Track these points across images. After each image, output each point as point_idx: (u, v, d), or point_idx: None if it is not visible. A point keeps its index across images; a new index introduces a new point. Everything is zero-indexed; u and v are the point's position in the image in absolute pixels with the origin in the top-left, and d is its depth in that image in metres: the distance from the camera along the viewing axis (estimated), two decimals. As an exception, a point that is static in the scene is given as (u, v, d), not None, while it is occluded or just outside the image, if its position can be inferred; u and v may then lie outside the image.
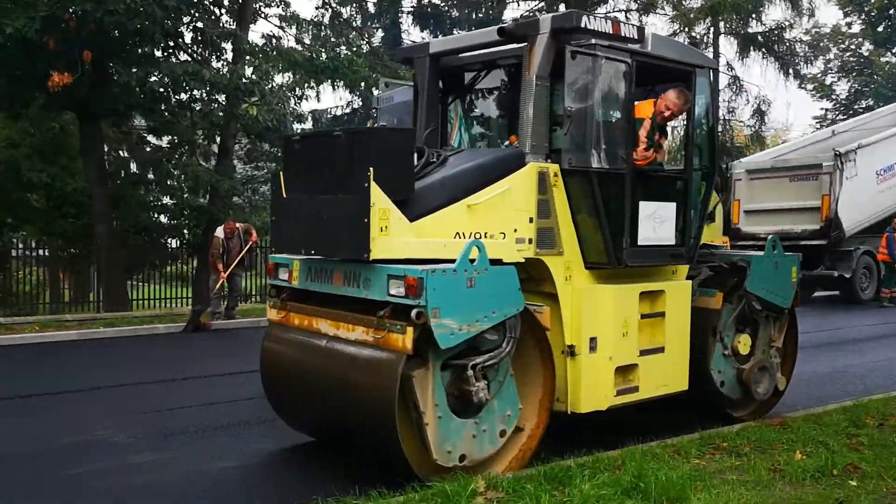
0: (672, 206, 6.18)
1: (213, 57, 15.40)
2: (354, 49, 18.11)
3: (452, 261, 4.87)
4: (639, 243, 5.91)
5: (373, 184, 4.75)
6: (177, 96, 14.41)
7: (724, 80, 26.52)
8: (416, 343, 4.66)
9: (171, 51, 14.76)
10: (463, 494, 4.43)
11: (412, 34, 25.87)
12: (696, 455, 5.49)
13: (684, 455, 5.49)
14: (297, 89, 16.15)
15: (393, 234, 4.87)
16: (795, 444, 5.76)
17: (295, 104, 16.07)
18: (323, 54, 15.53)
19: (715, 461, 5.38)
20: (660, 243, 6.08)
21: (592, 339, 5.70)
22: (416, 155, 5.39)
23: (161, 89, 13.52)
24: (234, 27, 15.95)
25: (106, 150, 17.01)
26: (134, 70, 13.55)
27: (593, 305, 5.74)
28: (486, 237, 5.28)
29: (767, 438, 5.89)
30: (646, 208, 5.97)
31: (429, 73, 6.47)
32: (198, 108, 14.28)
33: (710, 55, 26.71)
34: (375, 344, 4.88)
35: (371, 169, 4.75)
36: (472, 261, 4.85)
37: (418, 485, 4.69)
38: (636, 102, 6.04)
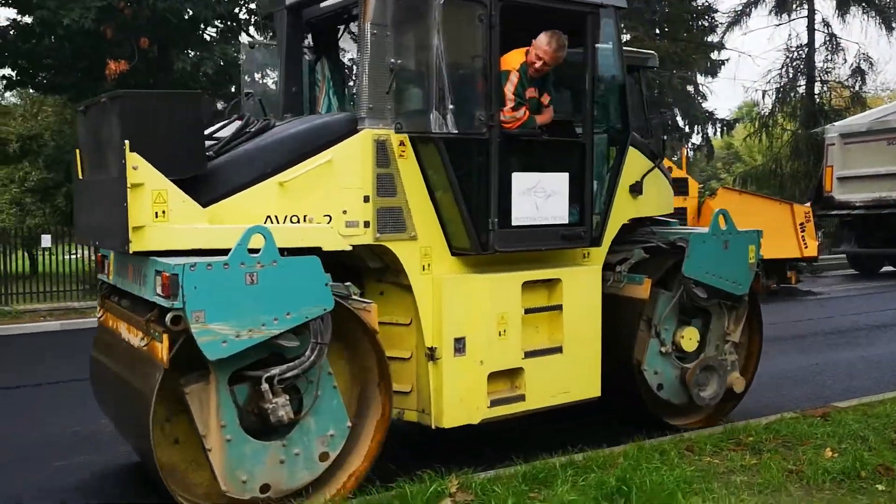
0: (563, 177, 5.09)
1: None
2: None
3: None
4: (513, 224, 4.90)
5: (141, 161, 3.87)
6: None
7: (819, 38, 24.82)
8: (176, 353, 3.79)
9: (229, 34, 14.79)
10: (422, 496, 4.10)
11: None
12: (710, 452, 4.95)
13: (697, 452, 4.95)
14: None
15: (175, 220, 3.99)
16: (831, 439, 5.12)
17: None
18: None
19: (729, 459, 4.82)
20: (546, 223, 5.03)
21: (459, 340, 4.71)
22: (237, 124, 4.65)
23: (213, 73, 13.53)
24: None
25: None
26: (191, 55, 13.64)
27: (459, 299, 4.73)
28: (305, 221, 4.39)
29: (800, 432, 5.26)
30: (523, 181, 4.93)
31: (287, 27, 5.50)
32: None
33: (805, 12, 25.05)
34: (146, 354, 4.03)
35: (127, 142, 3.84)
36: (255, 251, 3.90)
37: (382, 486, 4.37)
38: (516, 52, 5.07)
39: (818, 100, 25.03)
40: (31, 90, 17.31)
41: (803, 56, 24.89)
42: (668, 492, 4.11)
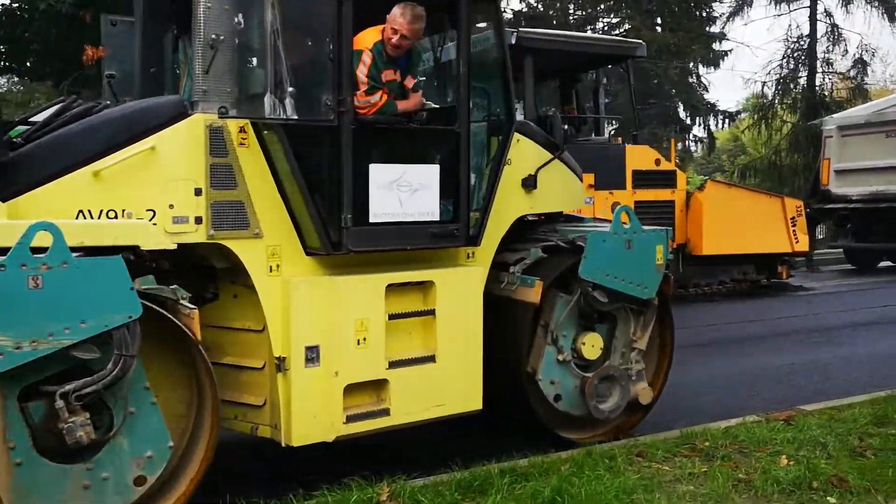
0: (433, 169, 4.61)
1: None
2: None
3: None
4: (371, 221, 4.43)
5: None
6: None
7: (821, 28, 24.44)
8: None
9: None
10: (346, 504, 3.91)
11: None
12: (661, 458, 4.74)
13: (648, 458, 4.75)
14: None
15: None
16: (790, 445, 4.90)
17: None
18: None
19: (679, 467, 4.61)
20: (412, 220, 4.55)
21: (311, 349, 4.25)
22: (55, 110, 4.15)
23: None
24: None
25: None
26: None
27: (310, 304, 4.28)
28: (124, 216, 3.88)
29: (759, 437, 5.04)
30: (383, 173, 4.46)
31: (143, 1, 5.02)
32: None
33: (807, 2, 24.64)
34: None
35: None
36: (40, 251, 3.38)
37: (305, 494, 4.18)
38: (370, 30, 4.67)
39: (819, 91, 24.65)
40: (14, 77, 17.11)
41: (804, 47, 24.51)
42: (604, 503, 3.91)
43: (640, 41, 12.86)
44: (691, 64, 26.07)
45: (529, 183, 5.19)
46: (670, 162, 13.03)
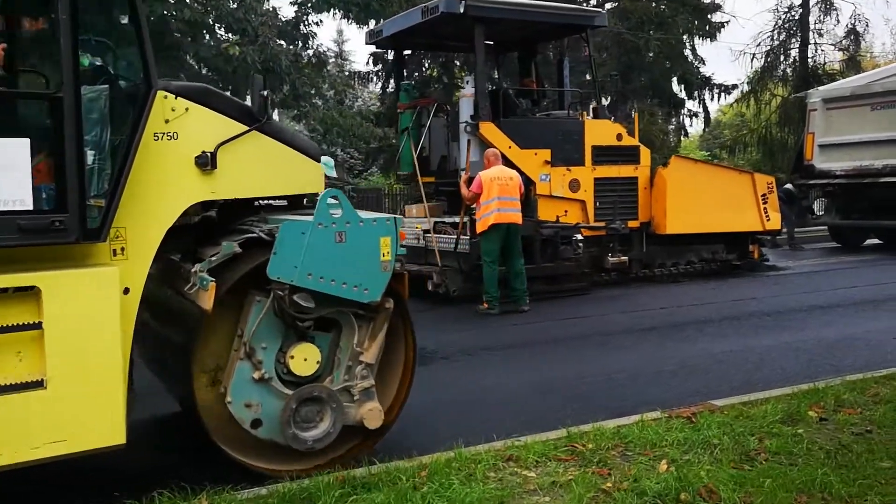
0: (20, 144, 3.45)
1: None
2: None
3: None
4: None
5: None
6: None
7: (813, -2, 23.65)
8: None
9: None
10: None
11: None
12: (533, 463, 4.30)
13: (519, 463, 4.31)
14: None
15: None
16: (679, 447, 4.45)
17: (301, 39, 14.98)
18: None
19: (548, 474, 4.16)
20: None
21: None
22: None
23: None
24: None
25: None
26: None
27: None
28: None
29: (648, 439, 4.59)
30: None
31: None
32: (192, 52, 13.47)
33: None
34: None
35: None
36: None
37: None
38: None
39: (812, 63, 23.93)
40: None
41: (795, 18, 23.75)
42: (431, 521, 3.48)
43: (599, 10, 12.31)
44: (685, 37, 25.44)
45: (203, 162, 4.13)
46: (634, 137, 12.47)
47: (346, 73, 29.61)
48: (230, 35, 12.73)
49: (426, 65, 25.77)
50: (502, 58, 14.13)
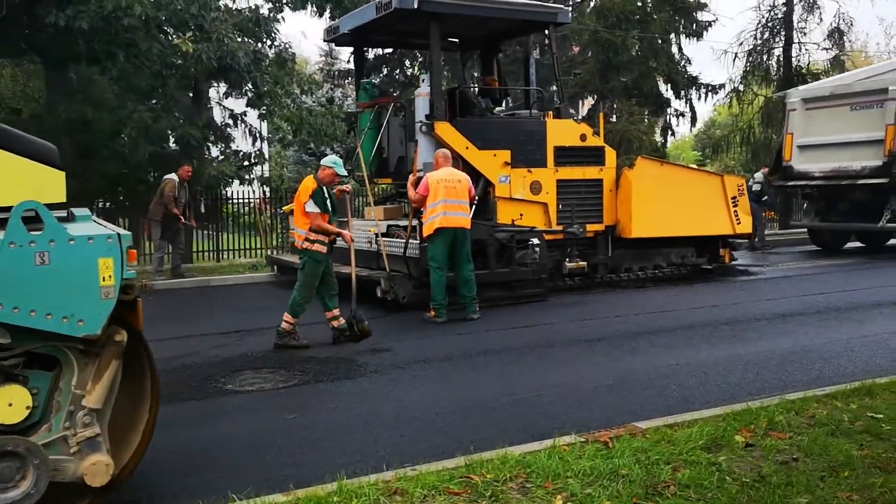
0: None
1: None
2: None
3: None
4: None
5: None
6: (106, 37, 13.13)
7: (796, -4, 23.25)
8: None
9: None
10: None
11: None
12: (419, 498, 3.91)
13: (404, 496, 3.91)
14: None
15: None
16: (584, 479, 4.07)
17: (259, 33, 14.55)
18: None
19: (430, 510, 3.78)
20: None
21: None
22: None
23: (89, 29, 12.28)
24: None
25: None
26: (66, 8, 12.45)
27: None
28: None
29: (554, 468, 4.20)
30: None
31: None
32: (146, 49, 13.02)
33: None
34: None
35: None
36: None
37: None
38: None
39: (796, 62, 23.53)
40: None
41: (779, 17, 23.36)
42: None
43: (562, 6, 11.90)
44: (672, 36, 25.05)
45: None
46: (598, 137, 12.08)
47: (326, 72, 29.23)
48: (181, 33, 12.30)
49: (406, 63, 25.41)
50: (468, 56, 13.72)
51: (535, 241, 10.46)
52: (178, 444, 5.05)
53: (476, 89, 12.57)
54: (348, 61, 24.96)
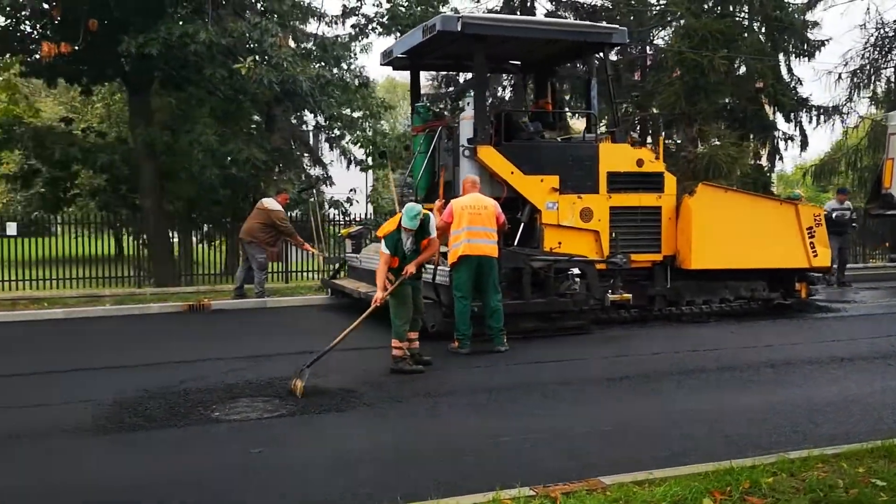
0: None
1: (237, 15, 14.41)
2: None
3: None
4: None
5: None
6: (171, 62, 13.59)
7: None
8: None
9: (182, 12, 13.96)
10: None
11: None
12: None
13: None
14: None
15: None
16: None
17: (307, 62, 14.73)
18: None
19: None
20: None
21: None
22: None
23: (158, 55, 12.72)
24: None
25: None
26: (138, 36, 12.96)
27: None
28: None
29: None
30: None
31: None
32: (210, 74, 13.38)
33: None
34: None
35: None
36: None
37: None
38: None
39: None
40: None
41: (890, 35, 21.83)
42: None
43: (618, 27, 11.36)
44: (780, 55, 23.88)
45: None
46: (658, 162, 11.45)
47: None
48: (242, 58, 12.56)
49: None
50: (525, 78, 13.38)
51: (576, 270, 9.94)
52: (123, 472, 4.96)
53: (529, 112, 12.19)
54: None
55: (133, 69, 14.64)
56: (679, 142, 21.20)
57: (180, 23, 12.96)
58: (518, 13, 21.11)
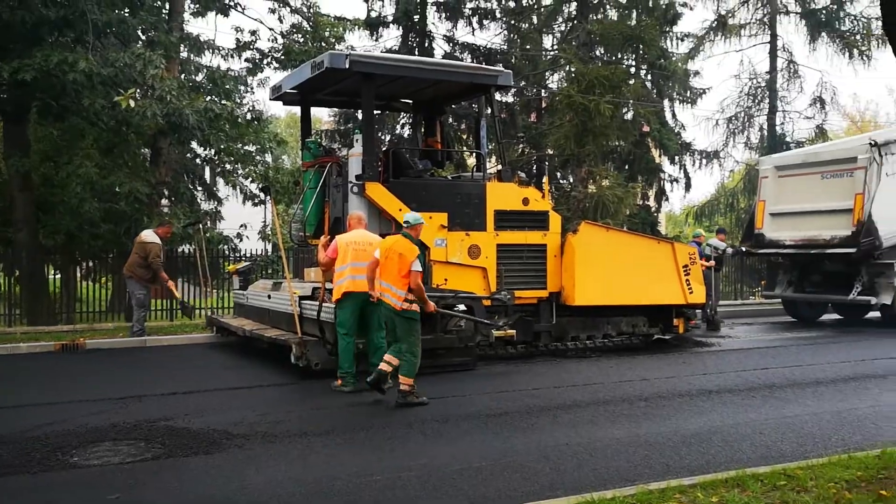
0: None
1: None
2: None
3: None
4: None
5: None
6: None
7: (780, 62, 23.16)
8: None
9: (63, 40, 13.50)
10: None
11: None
12: None
13: None
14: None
15: None
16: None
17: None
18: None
19: None
20: None
21: None
22: None
23: (30, 79, 12.21)
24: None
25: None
26: (12, 62, 12.42)
27: None
28: None
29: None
30: None
31: None
32: (89, 104, 12.92)
33: (768, 38, 23.42)
34: None
35: None
36: None
37: None
38: None
39: (780, 131, 23.33)
40: None
41: (762, 84, 23.24)
42: None
43: (503, 69, 11.69)
44: (666, 101, 25.00)
45: None
46: (544, 201, 11.75)
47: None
48: (122, 90, 12.22)
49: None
50: (420, 118, 13.53)
51: (461, 306, 10.01)
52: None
53: (418, 151, 12.32)
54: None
55: (8, 97, 14.01)
56: (571, 182, 21.85)
57: (58, 50, 12.50)
58: (416, 53, 21.43)
